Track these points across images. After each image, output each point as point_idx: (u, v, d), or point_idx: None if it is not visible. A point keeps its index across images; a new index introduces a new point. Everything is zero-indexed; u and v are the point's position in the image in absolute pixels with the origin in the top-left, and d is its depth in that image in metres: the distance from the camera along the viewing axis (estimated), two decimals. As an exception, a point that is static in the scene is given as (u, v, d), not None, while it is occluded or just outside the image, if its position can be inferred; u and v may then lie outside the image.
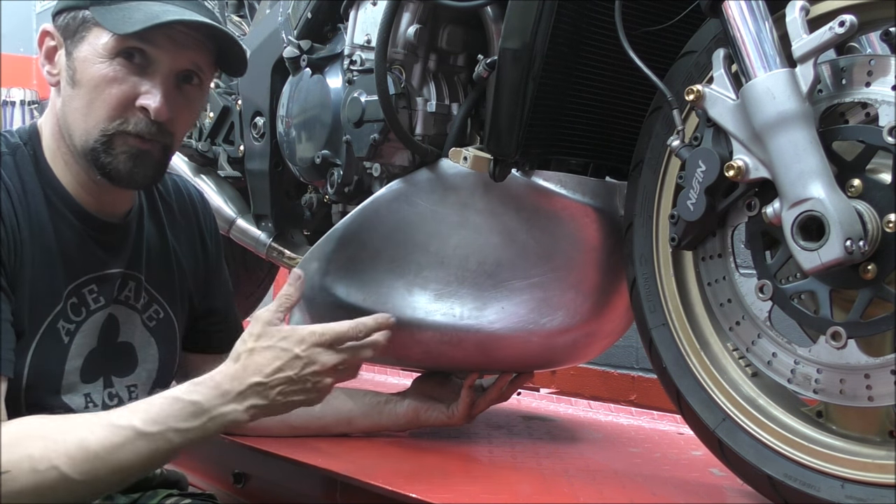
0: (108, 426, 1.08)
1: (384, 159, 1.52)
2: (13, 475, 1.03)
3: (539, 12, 1.26)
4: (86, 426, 1.08)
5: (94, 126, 1.20)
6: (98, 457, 1.06)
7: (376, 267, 1.50)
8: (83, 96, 1.20)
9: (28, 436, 1.07)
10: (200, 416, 1.12)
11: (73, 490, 1.06)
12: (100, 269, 1.28)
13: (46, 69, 1.24)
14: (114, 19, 1.18)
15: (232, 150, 1.90)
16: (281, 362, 1.16)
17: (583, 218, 1.43)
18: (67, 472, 1.04)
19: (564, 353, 1.60)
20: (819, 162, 1.04)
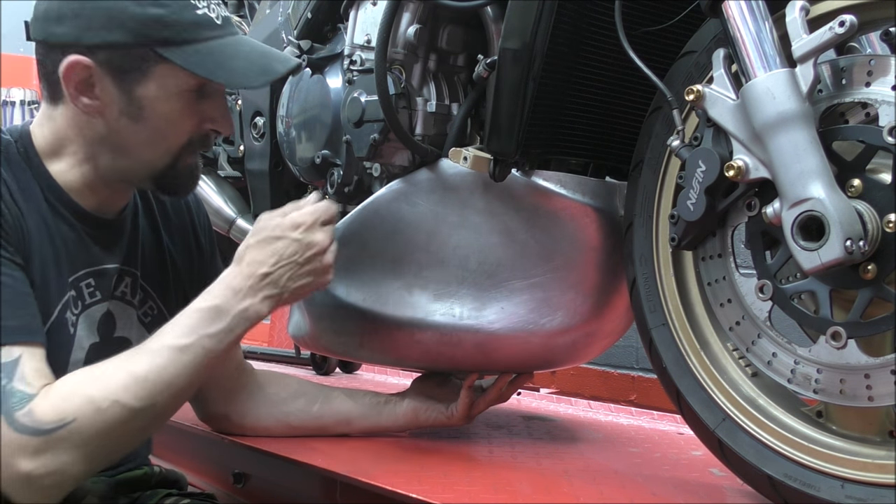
0: (147, 352, 1.14)
1: (384, 159, 1.52)
2: (80, 421, 1.07)
3: (539, 12, 1.26)
4: (127, 359, 1.14)
5: (163, 155, 1.26)
6: (149, 380, 1.11)
7: (376, 267, 1.50)
8: (153, 130, 1.24)
9: (81, 382, 1.11)
10: (224, 317, 1.18)
11: (138, 418, 1.11)
12: (96, 263, 1.29)
13: (84, 101, 1.21)
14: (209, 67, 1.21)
15: (232, 150, 1.90)
16: (280, 249, 1.23)
17: (583, 218, 1.43)
18: (128, 402, 1.09)
19: (564, 354, 1.60)
20: (819, 162, 1.04)
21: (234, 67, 1.23)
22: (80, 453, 1.07)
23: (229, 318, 1.18)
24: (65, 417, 1.06)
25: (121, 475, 1.35)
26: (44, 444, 1.05)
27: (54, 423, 1.06)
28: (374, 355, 1.64)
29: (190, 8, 1.21)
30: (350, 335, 1.58)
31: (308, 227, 1.26)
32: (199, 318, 1.17)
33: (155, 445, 1.51)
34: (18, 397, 1.06)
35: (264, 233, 1.24)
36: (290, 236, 1.24)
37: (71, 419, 1.07)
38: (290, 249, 1.23)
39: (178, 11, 1.20)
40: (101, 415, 1.08)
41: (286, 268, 1.23)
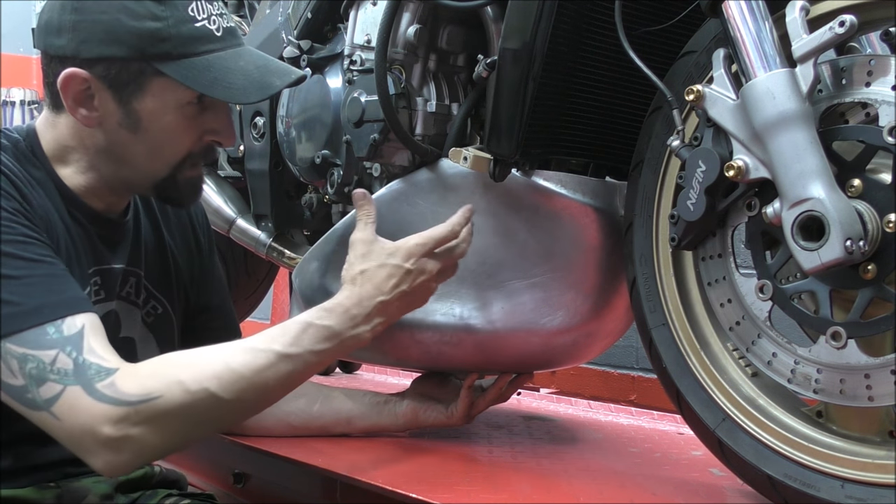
0: (250, 350, 1.15)
1: (384, 159, 1.52)
2: (166, 398, 1.08)
3: (539, 12, 1.26)
4: (227, 351, 1.15)
5: (162, 167, 1.26)
6: (244, 377, 1.12)
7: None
8: (150, 142, 1.24)
9: (172, 364, 1.13)
10: (333, 340, 1.20)
11: (222, 409, 1.13)
12: (103, 263, 1.30)
13: (83, 113, 1.22)
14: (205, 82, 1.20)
15: (232, 150, 1.90)
16: (396, 279, 1.25)
17: (583, 218, 1.43)
18: (217, 392, 1.10)
19: (564, 354, 1.60)
20: (819, 162, 1.04)
21: (231, 82, 1.22)
22: (159, 430, 1.09)
23: (339, 341, 1.21)
24: (151, 392, 1.08)
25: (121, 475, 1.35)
26: (125, 414, 1.07)
27: (139, 397, 1.08)
28: (375, 355, 1.64)
29: (188, 21, 1.20)
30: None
31: (423, 256, 1.27)
32: (310, 333, 1.19)
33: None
34: (95, 369, 1.08)
35: (381, 258, 1.26)
36: (406, 267, 1.26)
37: (157, 395, 1.08)
38: (407, 280, 1.26)
39: (176, 25, 1.19)
40: (188, 397, 1.09)
41: (399, 297, 1.25)
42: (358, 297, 1.23)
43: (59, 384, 1.07)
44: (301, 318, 1.20)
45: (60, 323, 1.09)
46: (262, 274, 2.41)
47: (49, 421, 1.08)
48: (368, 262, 1.26)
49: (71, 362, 1.08)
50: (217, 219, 1.89)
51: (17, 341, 1.07)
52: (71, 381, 1.07)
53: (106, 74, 1.20)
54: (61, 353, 1.08)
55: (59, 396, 1.07)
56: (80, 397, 1.07)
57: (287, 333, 1.18)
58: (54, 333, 1.08)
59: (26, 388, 1.07)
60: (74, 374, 1.07)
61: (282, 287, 3.15)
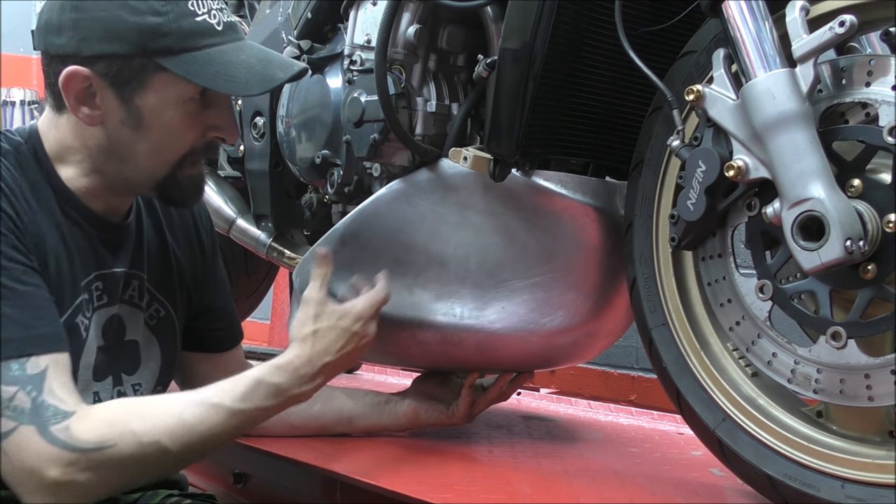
0: (203, 404, 1.17)
1: (384, 159, 1.52)
2: (118, 448, 1.10)
3: (539, 12, 1.26)
4: (181, 404, 1.17)
5: (163, 164, 1.26)
6: (195, 431, 1.15)
7: (376, 267, 1.49)
8: (153, 139, 1.23)
9: (128, 413, 1.14)
10: (280, 396, 1.23)
11: (169, 461, 1.16)
12: (105, 267, 1.29)
13: (85, 111, 1.21)
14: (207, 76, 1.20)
15: (232, 150, 1.90)
16: (343, 341, 1.30)
17: (583, 218, 1.43)
18: (168, 445, 1.12)
19: (565, 353, 1.60)
20: (819, 162, 1.04)
21: (233, 76, 1.21)
22: (106, 477, 1.10)
23: (285, 398, 1.23)
24: (104, 442, 1.09)
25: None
26: (76, 459, 1.07)
27: (92, 444, 1.08)
28: (375, 355, 1.64)
29: (188, 16, 1.20)
30: (350, 335, 1.58)
31: (368, 320, 1.33)
32: (260, 390, 1.21)
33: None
34: (52, 411, 1.08)
35: (332, 320, 1.30)
36: (353, 329, 1.31)
37: (110, 444, 1.09)
38: (352, 342, 1.31)
39: (176, 20, 1.19)
40: (140, 449, 1.11)
41: (342, 358, 1.29)
42: (308, 356, 1.26)
43: (14, 421, 1.07)
44: (252, 375, 1.22)
45: (25, 361, 1.09)
46: (262, 274, 2.41)
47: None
48: (320, 323, 1.29)
49: (29, 401, 1.07)
50: (217, 219, 1.89)
51: None
52: (26, 421, 1.07)
53: (107, 72, 1.19)
54: (20, 392, 1.07)
55: (11, 433, 1.07)
56: (31, 437, 1.07)
57: (238, 388, 1.19)
58: (17, 370, 1.08)
59: None
60: (31, 414, 1.07)
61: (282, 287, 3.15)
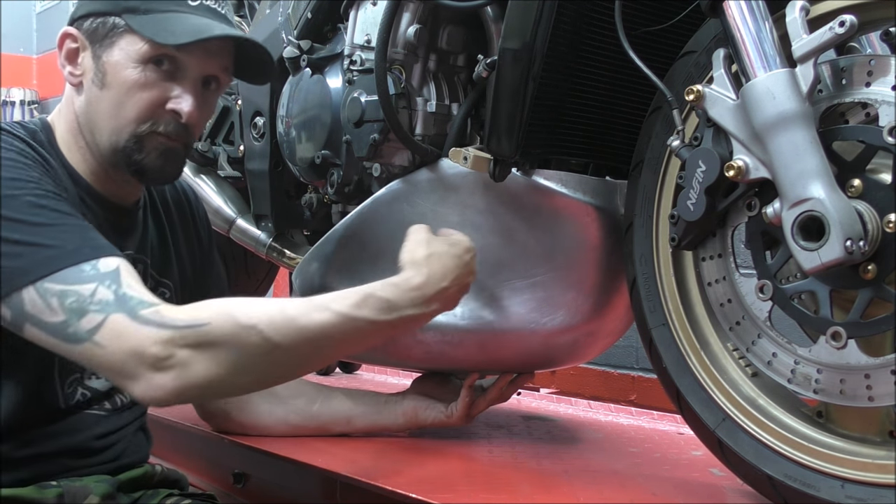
0: (307, 302, 1.14)
1: (384, 159, 1.52)
2: (214, 326, 1.08)
3: (539, 12, 1.26)
4: (285, 300, 1.14)
5: (123, 127, 1.27)
6: (297, 324, 1.11)
7: (377, 267, 1.49)
8: (112, 98, 1.27)
9: (225, 301, 1.13)
10: (391, 313, 1.17)
11: (270, 352, 1.10)
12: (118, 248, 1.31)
13: (68, 70, 1.29)
14: (154, 29, 1.24)
15: (232, 150, 1.90)
16: (459, 269, 1.24)
17: (584, 217, 1.43)
18: (267, 331, 1.09)
19: (565, 353, 1.60)
20: (819, 162, 1.04)
21: (175, 30, 1.25)
22: (204, 357, 1.07)
23: (395, 315, 1.18)
24: (198, 319, 1.08)
25: (122, 474, 1.35)
26: (171, 336, 1.07)
27: (185, 322, 1.08)
28: (375, 355, 1.64)
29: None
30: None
31: (475, 255, 1.29)
32: (372, 302, 1.16)
33: (155, 445, 1.50)
34: (137, 300, 1.09)
35: (445, 246, 1.26)
36: (465, 259, 1.26)
37: (205, 322, 1.08)
38: (464, 273, 1.26)
39: None
40: (237, 329, 1.08)
41: (457, 288, 1.25)
42: (425, 277, 1.21)
43: (101, 314, 1.08)
44: (364, 288, 1.18)
45: (96, 262, 1.11)
46: (262, 274, 2.41)
47: (92, 351, 1.08)
48: (434, 247, 1.25)
49: (111, 294, 1.09)
50: (217, 219, 1.89)
51: (56, 280, 1.09)
52: (113, 310, 1.08)
53: (89, 30, 1.27)
54: (100, 286, 1.09)
55: (102, 325, 1.08)
56: (123, 323, 1.08)
57: (348, 297, 1.16)
58: (91, 270, 1.10)
59: (67, 322, 1.09)
60: (116, 304, 1.09)
61: (282, 287, 3.16)
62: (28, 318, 1.10)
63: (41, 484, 1.25)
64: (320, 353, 1.17)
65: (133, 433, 1.39)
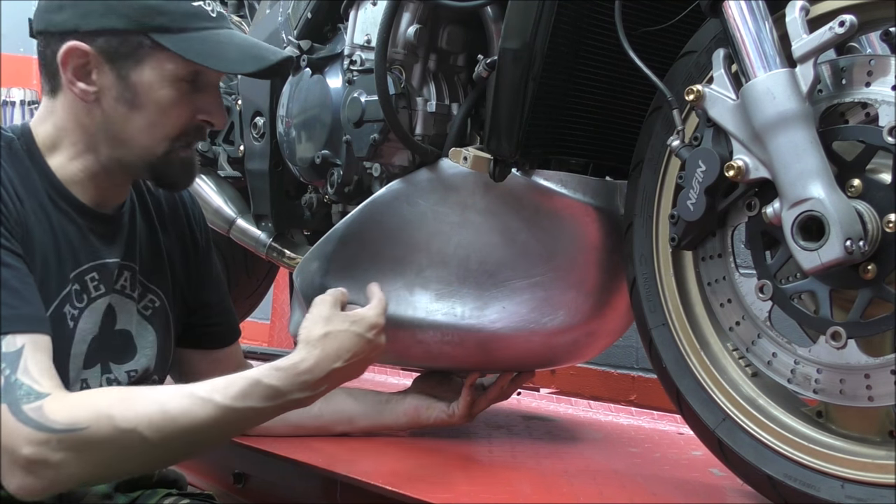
0: (190, 396, 1.11)
1: (384, 159, 1.52)
2: (92, 431, 1.05)
3: (539, 12, 1.26)
4: (167, 395, 1.12)
5: (158, 143, 1.26)
6: (177, 424, 1.09)
7: (377, 267, 1.49)
8: (147, 118, 1.25)
9: (108, 398, 1.10)
10: (276, 399, 1.16)
11: (147, 452, 1.09)
12: (98, 258, 1.30)
13: (81, 87, 1.23)
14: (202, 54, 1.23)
15: (232, 150, 1.90)
16: (357, 348, 1.24)
17: (584, 217, 1.43)
18: (146, 433, 1.07)
19: (565, 352, 1.60)
20: (819, 162, 1.04)
21: (226, 55, 1.25)
22: (79, 460, 1.06)
23: (281, 401, 1.17)
24: (77, 422, 1.05)
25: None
26: (47, 439, 1.04)
27: (64, 425, 1.05)
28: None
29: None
30: (350, 335, 1.58)
31: (381, 330, 1.29)
32: (256, 391, 1.15)
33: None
34: (25, 391, 1.06)
35: (345, 324, 1.25)
36: (367, 336, 1.26)
37: (83, 427, 1.05)
38: (365, 350, 1.26)
39: (175, 1, 1.23)
40: (115, 434, 1.07)
41: (354, 365, 1.24)
42: (315, 361, 1.20)
43: None
44: (250, 374, 1.16)
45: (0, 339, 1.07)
46: (262, 274, 2.41)
47: None
48: (332, 326, 1.24)
49: (2, 379, 1.05)
50: (217, 219, 1.89)
51: None
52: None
53: (106, 47, 1.22)
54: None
55: None
56: (4, 415, 1.04)
57: (232, 386, 1.14)
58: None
59: None
60: (3, 392, 1.05)
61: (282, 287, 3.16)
62: None
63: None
64: (201, 445, 1.16)
65: None
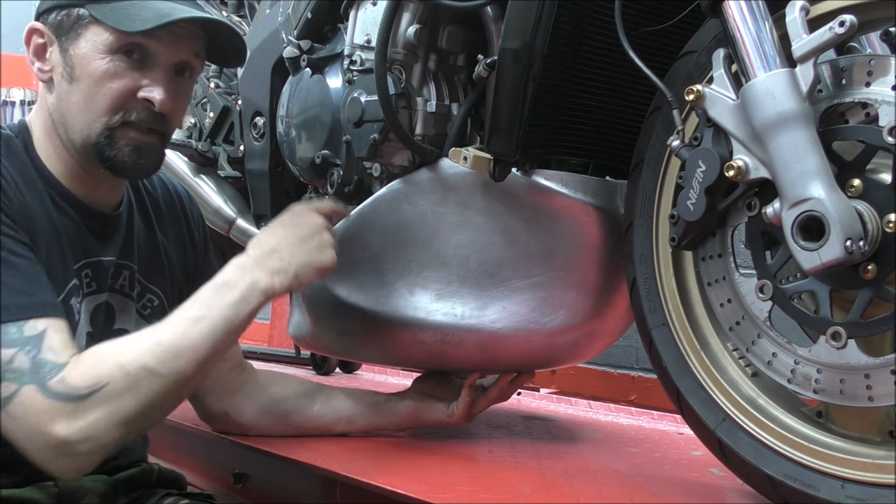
0: (168, 324, 1.18)
1: (384, 159, 1.52)
2: (112, 385, 1.10)
3: (539, 12, 1.26)
4: (154, 329, 1.18)
5: (95, 119, 1.25)
6: (171, 346, 1.15)
7: (377, 267, 1.49)
8: (83, 91, 1.25)
9: (110, 350, 1.15)
10: (234, 289, 1.21)
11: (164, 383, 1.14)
12: (93, 255, 1.30)
13: (37, 66, 1.28)
14: (118, 17, 1.23)
15: (232, 150, 1.90)
16: (283, 230, 1.29)
17: (584, 217, 1.43)
18: (154, 366, 1.13)
19: (565, 353, 1.60)
20: (819, 162, 1.04)
21: (140, 17, 1.24)
22: (113, 418, 1.10)
23: (239, 290, 1.21)
24: (98, 382, 1.10)
25: (120, 474, 1.35)
26: (78, 409, 1.08)
27: (88, 388, 1.09)
28: (376, 355, 1.64)
29: None
30: (351, 335, 1.58)
31: (306, 212, 1.33)
32: (213, 292, 1.20)
33: (155, 445, 1.51)
34: (49, 367, 1.09)
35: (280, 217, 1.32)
36: (289, 220, 1.31)
37: (104, 383, 1.10)
38: (292, 229, 1.29)
39: None
40: (130, 379, 1.11)
41: (289, 244, 1.27)
42: (247, 251, 1.26)
43: (15, 383, 1.09)
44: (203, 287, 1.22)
45: (23, 324, 1.11)
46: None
47: (5, 421, 1.09)
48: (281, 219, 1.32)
49: (28, 360, 1.09)
50: (217, 219, 1.89)
51: None
52: (26, 380, 1.09)
53: (55, 23, 1.26)
54: (20, 353, 1.09)
55: (14, 396, 1.08)
56: (33, 397, 1.08)
57: (195, 301, 1.20)
58: (15, 333, 1.10)
59: None
60: (30, 373, 1.09)
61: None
62: None
63: (38, 484, 1.24)
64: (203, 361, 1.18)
65: None
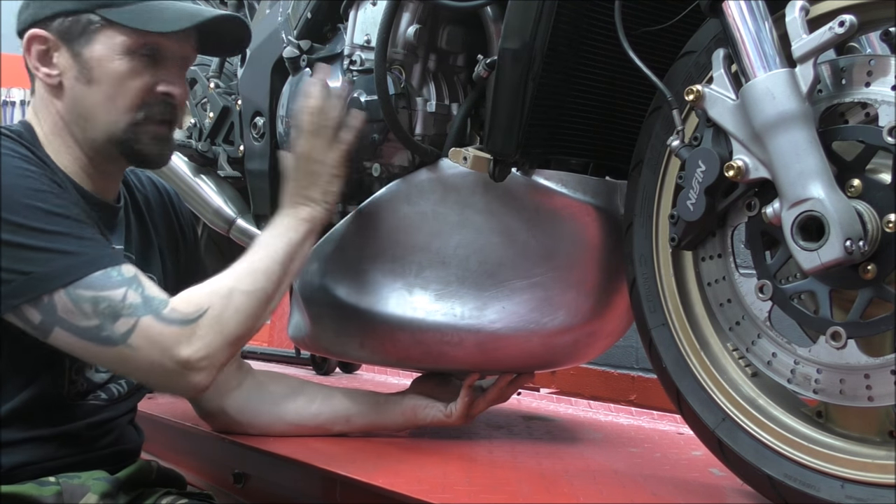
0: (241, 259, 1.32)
1: (384, 159, 1.52)
2: (214, 308, 1.24)
3: (539, 12, 1.26)
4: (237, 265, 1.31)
5: (119, 117, 1.32)
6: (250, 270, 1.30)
7: (376, 267, 1.50)
8: (104, 91, 1.31)
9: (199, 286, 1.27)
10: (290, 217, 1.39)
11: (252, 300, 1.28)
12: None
13: (44, 71, 1.32)
14: (141, 20, 1.29)
15: (232, 150, 1.90)
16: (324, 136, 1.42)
17: (584, 217, 1.43)
18: (240, 287, 1.28)
19: (565, 353, 1.60)
20: (819, 162, 1.04)
21: (162, 17, 1.30)
22: (221, 336, 1.23)
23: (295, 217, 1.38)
24: (201, 307, 1.23)
25: (120, 472, 1.35)
26: (192, 331, 1.21)
27: (196, 313, 1.22)
28: (375, 355, 1.64)
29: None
30: (350, 336, 1.58)
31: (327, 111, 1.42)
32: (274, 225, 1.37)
33: (154, 444, 1.51)
34: (158, 300, 1.22)
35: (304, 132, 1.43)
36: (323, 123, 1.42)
37: (206, 307, 1.23)
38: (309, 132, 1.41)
39: None
40: (225, 299, 1.25)
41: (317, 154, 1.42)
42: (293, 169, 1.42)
43: (132, 317, 1.19)
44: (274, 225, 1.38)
45: (120, 268, 1.22)
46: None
47: (124, 354, 1.19)
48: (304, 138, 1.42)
49: (139, 297, 1.20)
50: (217, 219, 1.89)
51: (86, 285, 1.18)
52: (142, 312, 1.20)
53: (61, 29, 1.30)
54: (129, 290, 1.20)
55: (135, 328, 1.19)
56: (152, 325, 1.20)
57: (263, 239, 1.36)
58: (118, 276, 1.20)
59: (101, 326, 1.18)
60: (144, 306, 1.20)
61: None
62: (59, 321, 1.18)
63: (39, 481, 1.25)
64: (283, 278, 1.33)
65: (126, 425, 1.42)
